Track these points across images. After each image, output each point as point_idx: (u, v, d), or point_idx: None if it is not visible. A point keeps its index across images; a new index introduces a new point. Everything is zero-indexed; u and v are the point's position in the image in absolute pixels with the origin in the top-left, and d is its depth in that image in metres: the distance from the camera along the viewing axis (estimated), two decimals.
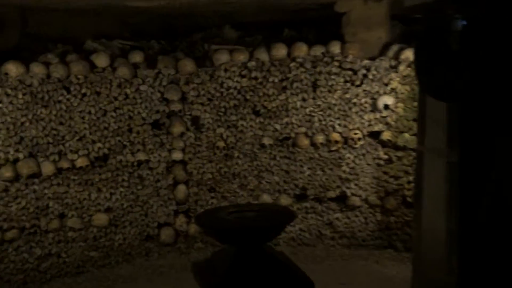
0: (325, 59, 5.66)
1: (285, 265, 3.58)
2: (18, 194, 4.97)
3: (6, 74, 4.91)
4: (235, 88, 5.70)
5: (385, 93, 5.57)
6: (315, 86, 5.72)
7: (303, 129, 5.78)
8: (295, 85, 5.70)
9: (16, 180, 4.95)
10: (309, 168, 5.82)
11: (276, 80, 5.71)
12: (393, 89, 5.55)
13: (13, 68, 4.93)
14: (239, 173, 5.84)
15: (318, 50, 5.69)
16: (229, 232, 3.56)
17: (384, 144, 5.64)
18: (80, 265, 5.34)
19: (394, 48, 5.58)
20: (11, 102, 4.90)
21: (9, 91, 4.88)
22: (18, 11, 5.23)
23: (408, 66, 5.44)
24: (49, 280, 5.17)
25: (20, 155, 4.97)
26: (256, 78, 5.70)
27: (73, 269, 5.31)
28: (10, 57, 5.05)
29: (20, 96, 4.93)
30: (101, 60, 5.37)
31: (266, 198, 5.82)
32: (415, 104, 5.31)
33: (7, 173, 4.87)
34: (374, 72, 5.58)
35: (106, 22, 5.86)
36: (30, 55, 5.27)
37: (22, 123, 4.97)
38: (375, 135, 5.69)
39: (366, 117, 5.66)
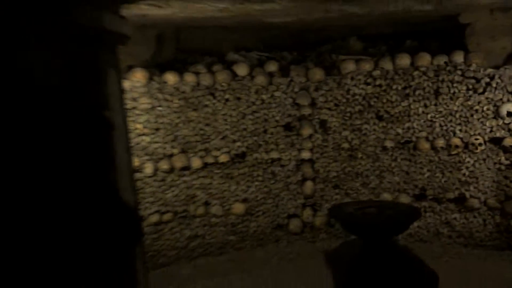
0: (448, 68, 5.78)
1: (410, 258, 3.71)
2: (172, 183, 5.73)
3: (165, 82, 5.68)
4: (360, 94, 5.99)
5: (508, 100, 5.60)
6: (437, 93, 5.84)
7: (424, 134, 5.94)
8: (417, 92, 5.88)
9: (171, 171, 5.71)
10: (428, 170, 5.97)
11: (399, 88, 5.92)
12: None
13: (170, 77, 5.69)
14: (362, 173, 6.13)
15: (441, 60, 5.82)
16: (360, 226, 3.69)
17: (506, 150, 5.66)
18: (221, 247, 6.03)
19: None
20: (168, 106, 5.66)
21: (167, 96, 5.66)
22: (173, 30, 5.97)
23: None
24: (195, 257, 5.90)
25: (175, 151, 5.73)
26: (380, 85, 5.95)
27: (215, 250, 6.00)
28: (167, 68, 5.83)
29: (175, 101, 5.69)
30: (241, 70, 5.98)
31: (386, 196, 6.07)
32: None
33: (165, 165, 5.65)
34: (498, 81, 5.62)
35: (245, 36, 6.42)
36: (183, 66, 6.01)
37: (177, 124, 5.72)
38: (496, 141, 5.70)
39: (488, 123, 5.71)
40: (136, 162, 5.41)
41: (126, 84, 5.37)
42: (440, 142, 5.87)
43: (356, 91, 5.98)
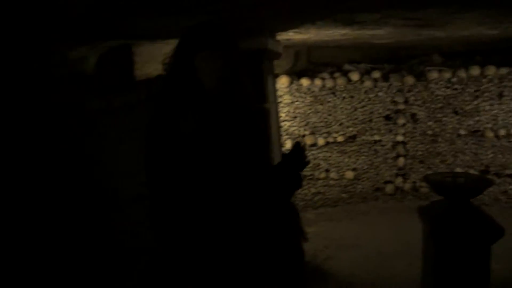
0: (509, 76, 6.68)
1: (484, 214, 3.82)
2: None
3: (301, 85, 7.29)
4: (441, 95, 6.94)
5: None
6: (500, 95, 6.72)
7: (489, 125, 6.83)
8: (485, 94, 6.78)
9: None
10: (492, 152, 6.90)
11: (471, 91, 6.82)
12: None
13: (304, 81, 7.27)
14: (441, 152, 7.09)
15: (504, 70, 6.67)
16: (447, 189, 3.85)
17: None
18: (336, 201, 7.49)
19: None
20: (303, 101, 7.26)
21: (302, 95, 7.28)
22: (306, 48, 7.08)
23: None
24: (317, 207, 7.45)
25: (306, 132, 7.30)
26: (456, 89, 6.89)
27: (331, 203, 7.48)
28: (302, 75, 7.35)
29: (308, 98, 7.29)
30: (354, 76, 7.19)
31: (459, 171, 7.09)
32: None
33: None
34: None
35: (356, 52, 7.61)
36: (312, 73, 7.45)
37: (308, 114, 7.21)
38: None
39: None
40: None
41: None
42: (502, 132, 6.78)
43: (439, 92, 6.92)
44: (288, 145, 7.18)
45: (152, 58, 5.02)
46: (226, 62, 2.19)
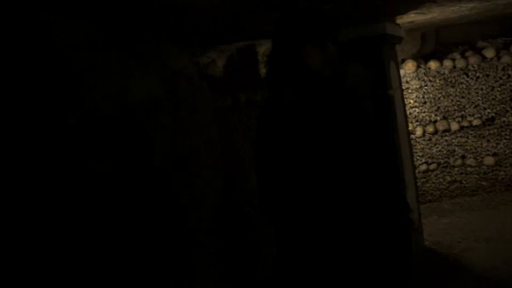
0: None
1: None
2: (436, 142, 6.91)
3: (429, 68, 6.91)
4: None
5: None
6: None
7: None
8: None
9: (435, 133, 6.90)
10: None
11: None
12: None
13: (433, 64, 6.90)
14: None
15: None
16: None
17: None
18: (474, 190, 6.98)
19: None
20: (432, 85, 6.89)
21: (431, 78, 6.89)
22: (433, 29, 6.98)
23: None
24: (454, 196, 7.00)
25: (438, 118, 6.91)
26: None
27: (469, 192, 6.99)
28: (430, 58, 7.00)
29: (437, 81, 6.89)
30: (489, 53, 6.78)
31: None
32: None
33: (430, 129, 6.90)
34: None
35: (489, 26, 7.03)
36: (441, 55, 7.05)
37: (438, 98, 6.87)
38: None
39: None
40: (410, 127, 6.76)
41: (401, 72, 6.69)
42: None
43: None
44: (418, 132, 6.86)
45: None
46: (328, 50, 2.13)
